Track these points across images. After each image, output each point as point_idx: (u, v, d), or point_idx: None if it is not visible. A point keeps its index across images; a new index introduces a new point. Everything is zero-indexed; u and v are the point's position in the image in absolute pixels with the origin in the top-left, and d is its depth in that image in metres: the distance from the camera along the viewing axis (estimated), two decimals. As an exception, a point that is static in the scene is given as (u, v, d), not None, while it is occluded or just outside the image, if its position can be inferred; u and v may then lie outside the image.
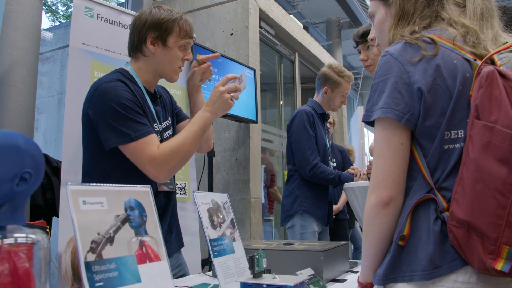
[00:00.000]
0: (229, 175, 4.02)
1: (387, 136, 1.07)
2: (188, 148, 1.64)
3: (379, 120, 1.08)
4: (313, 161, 2.75)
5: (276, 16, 4.59)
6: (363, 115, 1.13)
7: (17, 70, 2.73)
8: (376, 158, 1.09)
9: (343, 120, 6.35)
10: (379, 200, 1.06)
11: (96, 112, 1.62)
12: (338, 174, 2.80)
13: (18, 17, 2.76)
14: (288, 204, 2.86)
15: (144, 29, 1.72)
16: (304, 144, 2.80)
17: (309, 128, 2.82)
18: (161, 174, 1.61)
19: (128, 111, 1.59)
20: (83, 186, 0.96)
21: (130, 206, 1.04)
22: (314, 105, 3.02)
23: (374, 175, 1.09)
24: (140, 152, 1.58)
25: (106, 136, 1.60)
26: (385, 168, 1.06)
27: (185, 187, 3.19)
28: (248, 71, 3.83)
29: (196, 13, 4.36)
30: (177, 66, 1.78)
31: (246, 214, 3.87)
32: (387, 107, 1.05)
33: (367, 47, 2.21)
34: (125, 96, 1.61)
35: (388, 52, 1.10)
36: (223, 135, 4.09)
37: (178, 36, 1.73)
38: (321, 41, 8.25)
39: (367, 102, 1.12)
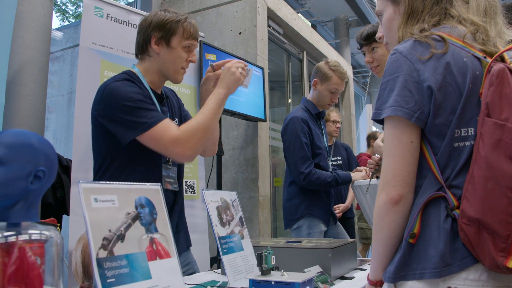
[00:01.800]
0: (237, 174, 4.03)
1: (397, 134, 1.07)
2: (208, 123, 1.68)
3: (389, 118, 1.08)
4: (305, 169, 2.72)
5: (284, 15, 4.59)
6: (373, 113, 1.13)
7: (28, 69, 2.76)
8: (386, 156, 1.09)
9: (351, 118, 6.34)
10: (389, 198, 1.06)
11: (107, 112, 1.65)
12: (334, 177, 2.76)
13: (29, 17, 2.80)
14: (292, 207, 2.83)
15: (148, 30, 1.77)
16: (297, 154, 2.76)
17: (302, 136, 2.77)
18: (186, 152, 1.64)
19: (139, 103, 1.63)
20: (95, 184, 0.98)
21: (140, 204, 1.06)
22: (307, 105, 2.97)
23: (384, 173, 1.09)
24: (160, 136, 1.61)
25: (122, 131, 1.62)
26: (395, 166, 1.06)
27: (194, 186, 3.21)
28: (257, 69, 3.84)
29: (205, 12, 4.38)
30: (180, 66, 1.80)
31: (255, 212, 3.89)
32: (397, 105, 1.05)
33: (372, 48, 2.19)
34: (133, 91, 1.65)
35: (398, 50, 1.11)
36: (231, 134, 4.11)
37: (182, 37, 1.76)
38: (329, 40, 8.24)
39: (376, 100, 1.13)
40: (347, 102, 6.42)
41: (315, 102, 2.96)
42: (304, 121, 2.80)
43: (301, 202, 2.79)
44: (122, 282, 0.93)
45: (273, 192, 5.68)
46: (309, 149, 2.77)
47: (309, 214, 2.76)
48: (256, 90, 3.82)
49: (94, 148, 1.78)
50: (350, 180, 2.79)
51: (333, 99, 2.94)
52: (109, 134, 1.67)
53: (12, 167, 0.78)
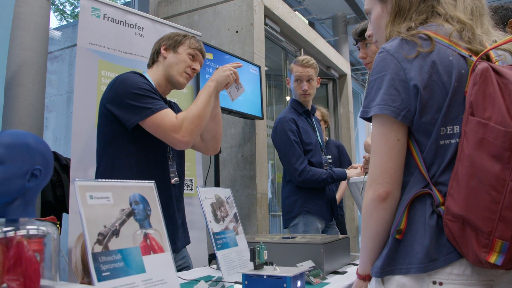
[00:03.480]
0: (235, 171, 4.07)
1: (384, 133, 1.10)
2: (202, 112, 1.83)
3: (376, 116, 1.11)
4: (299, 166, 2.76)
5: (281, 13, 4.62)
6: (361, 111, 1.17)
7: (27, 70, 2.79)
8: (374, 154, 1.12)
9: (349, 116, 6.37)
10: (376, 195, 1.09)
11: (116, 98, 1.79)
12: (330, 174, 2.80)
13: (27, 18, 2.82)
14: (289, 206, 2.88)
15: (160, 41, 2.02)
16: (288, 152, 2.82)
17: (291, 135, 2.82)
18: (183, 138, 1.76)
19: (146, 92, 1.78)
20: (90, 181, 1.01)
21: (134, 200, 1.10)
22: (294, 105, 3.04)
23: (371, 171, 1.12)
24: (161, 122, 1.75)
25: (128, 115, 1.76)
26: (382, 164, 1.09)
27: (191, 183, 3.25)
28: (253, 68, 3.87)
29: (202, 11, 4.41)
30: (183, 69, 1.96)
31: (253, 209, 3.92)
32: (384, 103, 1.08)
33: (366, 44, 2.23)
34: (142, 81, 1.81)
35: (385, 48, 1.13)
36: (229, 132, 4.14)
37: (188, 46, 1.98)
38: (327, 37, 8.27)
39: (364, 98, 1.16)
40: (345, 99, 6.45)
41: (298, 100, 3.01)
42: (291, 120, 2.85)
43: (297, 200, 2.82)
44: (117, 275, 0.97)
45: (277, 189, 5.74)
46: (300, 147, 2.81)
47: (305, 212, 2.80)
48: (253, 88, 3.85)
49: (98, 139, 1.86)
50: (345, 177, 2.82)
51: (302, 87, 2.97)
52: (115, 125, 1.79)
53: (10, 166, 0.82)
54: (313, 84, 2.99)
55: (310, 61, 3.00)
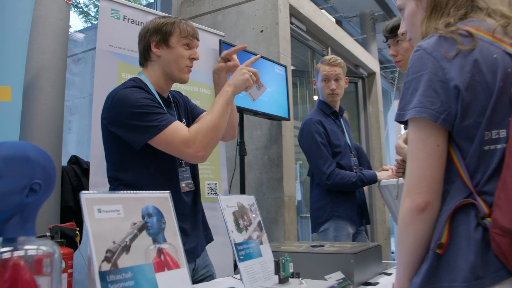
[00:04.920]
0: (262, 174, 3.98)
1: (422, 138, 1.00)
2: (217, 122, 1.68)
3: (413, 120, 1.01)
4: (327, 169, 2.65)
5: (307, 11, 4.51)
6: (396, 114, 1.07)
7: (46, 74, 2.76)
8: (411, 160, 1.02)
9: (379, 115, 6.20)
10: (414, 205, 0.99)
11: (117, 119, 1.66)
12: (359, 177, 2.68)
13: (45, 22, 2.79)
14: (318, 210, 2.77)
15: (147, 36, 1.82)
16: (315, 155, 2.71)
17: (318, 137, 2.71)
18: (198, 153, 1.64)
19: (148, 109, 1.64)
20: (98, 194, 0.94)
21: (147, 213, 1.02)
22: (321, 106, 2.93)
23: (408, 179, 1.02)
24: (171, 138, 1.62)
25: (134, 136, 1.64)
26: (420, 171, 1.00)
27: (215, 187, 3.17)
28: (279, 68, 3.78)
29: (225, 11, 4.33)
30: (184, 64, 1.81)
31: (280, 213, 3.83)
32: (422, 106, 0.99)
33: (397, 42, 2.12)
34: (141, 97, 1.66)
35: (421, 47, 1.03)
36: (255, 133, 4.06)
37: (180, 35, 1.79)
38: (355, 35, 8.11)
39: (399, 100, 1.06)
40: (375, 98, 6.28)
41: (325, 100, 2.90)
42: (318, 122, 2.74)
43: (326, 204, 2.71)
44: (127, 296, 0.89)
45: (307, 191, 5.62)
46: (328, 149, 2.70)
47: (335, 216, 2.68)
48: (279, 89, 3.76)
49: (107, 157, 1.78)
50: (376, 180, 2.70)
51: (330, 87, 2.85)
52: (121, 142, 1.68)
53: (6, 180, 0.75)
54: (341, 83, 2.88)
55: (338, 60, 2.89)
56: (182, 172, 1.80)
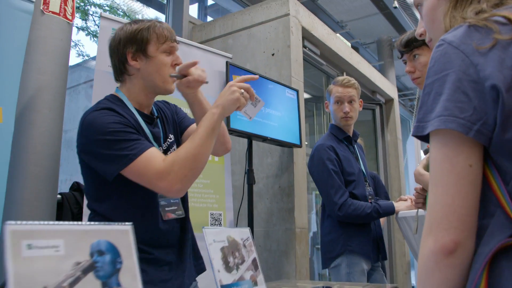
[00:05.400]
0: (272, 203, 3.75)
1: (449, 156, 0.76)
2: (198, 151, 1.44)
3: (437, 133, 0.78)
4: (339, 199, 2.42)
5: (321, 34, 4.35)
6: (414, 127, 0.83)
7: (43, 95, 2.62)
8: (434, 187, 0.78)
9: (397, 143, 5.95)
10: (439, 246, 0.74)
11: (87, 147, 1.48)
12: (375, 208, 2.44)
13: (45, 42, 2.66)
14: (329, 244, 2.53)
15: (121, 48, 1.58)
16: (326, 183, 2.49)
17: (329, 164, 2.49)
18: (173, 186, 1.41)
19: (119, 135, 1.42)
20: (29, 225, 0.73)
21: (98, 250, 0.81)
22: (333, 131, 2.73)
23: (431, 211, 0.78)
24: (144, 169, 1.40)
25: (105, 167, 1.44)
26: (447, 201, 0.75)
27: (220, 217, 2.96)
28: (290, 92, 3.59)
29: (236, 34, 4.20)
30: (167, 74, 1.59)
31: (291, 245, 3.58)
32: (448, 114, 0.75)
33: (413, 56, 1.92)
34: (111, 121, 1.45)
35: (446, 40, 0.81)
36: (265, 161, 3.85)
37: (158, 42, 1.57)
38: (372, 62, 7.93)
39: (418, 110, 0.82)
40: (393, 125, 6.04)
41: (338, 125, 2.69)
42: (329, 147, 2.52)
43: (339, 237, 2.47)
44: None
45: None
46: (340, 177, 2.47)
47: (348, 251, 2.43)
48: (290, 114, 3.56)
49: (84, 187, 1.59)
50: (393, 211, 2.46)
51: (343, 109, 2.65)
52: (94, 172, 1.49)
53: None
54: (355, 106, 2.67)
55: (351, 81, 2.69)
56: (167, 198, 1.59)
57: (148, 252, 1.48)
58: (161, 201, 1.57)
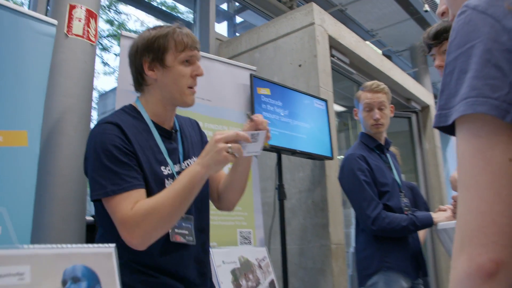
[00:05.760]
0: (306, 219, 3.60)
1: (482, 149, 0.57)
2: (167, 209, 1.29)
3: (464, 120, 0.59)
4: (372, 212, 2.24)
5: (349, 42, 4.21)
6: (435, 117, 0.65)
7: (69, 117, 2.61)
8: (465, 190, 0.59)
9: (436, 151, 5.68)
10: (475, 267, 0.55)
11: (86, 155, 1.42)
12: (411, 220, 2.24)
13: (69, 65, 2.66)
14: (365, 261, 2.34)
15: (138, 57, 1.48)
16: (358, 196, 2.32)
17: (360, 175, 2.32)
18: (133, 239, 1.27)
19: (110, 160, 1.32)
20: (-13, 250, 0.64)
21: (73, 276, 0.71)
22: (363, 139, 2.56)
23: (462, 222, 0.58)
24: (113, 209, 1.30)
25: (91, 186, 1.35)
26: (482, 208, 0.56)
27: (249, 236, 2.83)
28: (319, 102, 3.46)
29: (262, 48, 4.12)
30: (186, 85, 1.47)
31: (327, 263, 3.41)
32: (476, 94, 0.58)
33: (443, 51, 1.76)
34: (110, 142, 1.35)
35: (469, 5, 0.63)
36: (297, 175, 3.72)
37: (176, 50, 1.45)
38: (406, 70, 7.70)
39: (440, 94, 0.65)
40: (430, 133, 5.79)
41: (368, 133, 2.53)
42: (360, 157, 2.36)
43: (374, 253, 2.29)
44: None
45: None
46: (373, 188, 2.31)
47: (385, 268, 2.25)
48: (319, 125, 3.43)
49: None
50: (431, 223, 2.27)
51: (373, 116, 2.48)
52: None
53: None
54: (385, 112, 2.51)
55: (380, 86, 2.54)
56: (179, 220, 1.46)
57: (154, 276, 1.37)
58: None
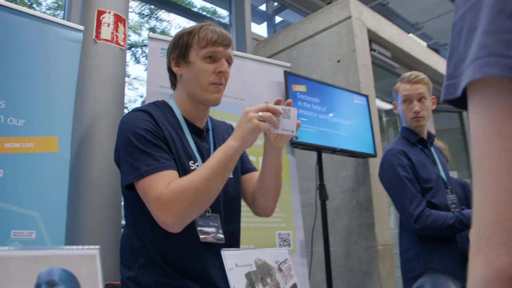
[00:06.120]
0: (350, 220, 3.47)
1: (497, 122, 0.44)
2: (205, 186, 1.23)
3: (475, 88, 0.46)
4: (415, 210, 2.09)
5: (389, 35, 4.04)
6: (443, 88, 0.51)
7: (100, 122, 2.61)
8: (480, 176, 0.45)
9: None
10: (493, 271, 0.41)
11: (117, 145, 1.41)
12: (458, 218, 2.05)
13: (99, 70, 2.67)
14: (409, 262, 2.19)
15: (168, 54, 1.51)
16: (399, 193, 2.17)
17: (401, 171, 2.18)
18: (167, 218, 1.22)
19: (142, 143, 1.30)
20: None
21: (49, 280, 0.64)
22: (404, 134, 2.41)
23: (478, 215, 0.45)
24: (147, 190, 1.25)
25: (123, 172, 1.34)
26: (499, 198, 0.42)
27: (289, 237, 2.73)
28: (359, 98, 3.33)
29: (300, 45, 4.03)
30: (207, 82, 1.42)
31: (374, 264, 3.26)
32: (486, 54, 0.44)
33: None
34: (142, 126, 1.33)
35: None
36: (340, 175, 3.59)
37: (198, 46, 1.41)
38: (456, 62, 7.34)
39: (447, 61, 0.52)
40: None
41: (409, 126, 2.37)
42: (400, 152, 2.21)
43: (419, 254, 2.13)
44: None
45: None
46: (415, 185, 2.15)
47: (431, 269, 2.08)
48: (361, 121, 3.29)
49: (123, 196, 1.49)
50: None
51: (412, 109, 2.33)
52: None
53: None
54: (426, 104, 2.34)
55: (420, 76, 2.38)
56: (205, 219, 1.40)
57: (169, 277, 1.31)
58: (199, 221, 1.38)
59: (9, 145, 2.06)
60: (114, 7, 2.76)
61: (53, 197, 2.15)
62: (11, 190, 2.02)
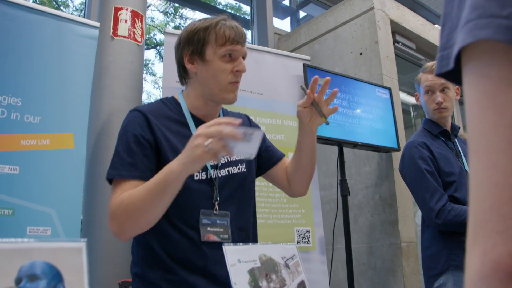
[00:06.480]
0: (373, 216, 3.39)
1: (492, 93, 0.38)
2: (137, 204, 1.20)
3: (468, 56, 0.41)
4: (436, 205, 2.00)
5: (414, 26, 3.93)
6: (437, 60, 0.46)
7: (116, 119, 2.60)
8: (475, 155, 0.39)
9: None
10: (490, 263, 0.36)
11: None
12: None
13: (116, 66, 2.66)
14: (430, 259, 2.11)
15: (180, 48, 1.43)
16: (420, 186, 2.09)
17: (422, 164, 2.10)
18: (111, 227, 1.25)
19: (122, 146, 1.32)
20: None
21: (30, 273, 0.62)
22: (426, 125, 2.31)
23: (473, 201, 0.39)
24: (111, 193, 1.30)
25: None
26: (496, 179, 0.37)
27: (308, 234, 2.69)
28: (381, 91, 3.25)
29: (322, 38, 3.96)
30: (225, 81, 1.38)
31: (397, 262, 3.18)
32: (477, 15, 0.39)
33: None
34: (129, 129, 1.35)
35: None
36: (363, 170, 3.51)
37: (216, 44, 1.37)
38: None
39: (441, 31, 0.47)
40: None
41: (431, 118, 2.28)
42: (421, 144, 2.13)
43: (440, 251, 2.05)
44: None
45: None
46: (436, 178, 2.07)
47: (453, 267, 2.00)
48: (383, 114, 3.21)
49: None
50: None
51: (435, 100, 2.23)
52: None
53: None
54: (449, 94, 2.25)
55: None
56: (211, 218, 1.36)
57: (173, 273, 1.28)
58: (203, 219, 1.35)
59: (25, 142, 2.07)
60: (131, 3, 2.75)
61: (69, 193, 2.16)
62: (27, 187, 2.04)
